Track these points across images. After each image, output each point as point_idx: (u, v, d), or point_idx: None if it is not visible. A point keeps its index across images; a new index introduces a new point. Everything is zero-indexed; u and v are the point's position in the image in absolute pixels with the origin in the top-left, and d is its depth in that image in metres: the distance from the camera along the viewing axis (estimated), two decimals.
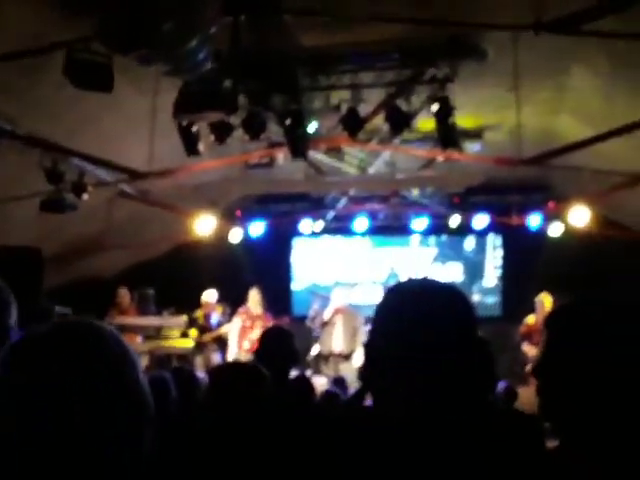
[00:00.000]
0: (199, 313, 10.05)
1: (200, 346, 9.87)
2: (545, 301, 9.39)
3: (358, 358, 9.49)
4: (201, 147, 7.67)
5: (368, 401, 5.29)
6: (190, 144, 7.62)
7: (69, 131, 7.79)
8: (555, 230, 10.75)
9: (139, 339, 10.01)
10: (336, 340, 9.91)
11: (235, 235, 11.83)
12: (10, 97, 6.77)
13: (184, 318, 10.23)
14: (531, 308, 9.61)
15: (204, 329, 9.97)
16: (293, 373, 4.27)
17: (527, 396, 5.87)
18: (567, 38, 5.80)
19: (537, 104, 8.38)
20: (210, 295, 10.13)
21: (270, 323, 9.17)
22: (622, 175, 8.84)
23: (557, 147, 8.27)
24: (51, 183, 8.14)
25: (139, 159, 8.47)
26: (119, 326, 9.86)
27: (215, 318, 10.11)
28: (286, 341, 3.63)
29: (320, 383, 9.08)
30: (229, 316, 10.22)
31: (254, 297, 9.61)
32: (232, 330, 9.61)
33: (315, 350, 10.49)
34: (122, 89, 6.71)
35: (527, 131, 8.44)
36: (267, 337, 3.70)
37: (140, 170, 8.73)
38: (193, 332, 9.89)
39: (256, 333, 8.85)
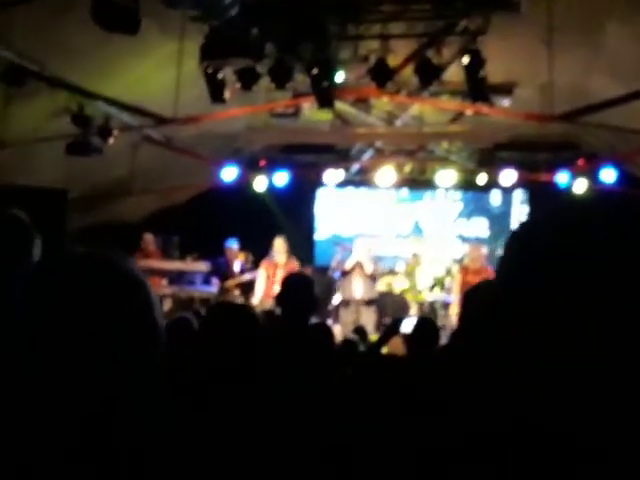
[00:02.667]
0: (224, 259, 10.19)
1: (224, 292, 9.97)
2: None
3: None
4: (226, 94, 7.62)
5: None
6: (215, 91, 7.57)
7: (95, 74, 7.77)
8: (580, 187, 10.59)
9: (164, 282, 10.13)
10: (356, 287, 9.99)
11: (259, 184, 11.83)
12: (36, 39, 6.75)
13: (206, 264, 10.32)
14: None
15: (227, 275, 10.06)
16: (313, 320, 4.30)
17: None
18: None
19: (570, 60, 8.19)
20: (232, 243, 10.21)
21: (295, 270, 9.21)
22: None
23: (589, 104, 8.11)
24: (77, 126, 8.17)
25: (165, 104, 8.44)
26: (143, 269, 9.98)
27: (237, 265, 10.20)
28: (306, 288, 3.63)
29: (340, 331, 9.19)
30: (252, 264, 10.29)
31: (279, 246, 9.61)
32: (258, 279, 9.68)
33: (336, 300, 10.57)
34: (149, 33, 6.66)
35: (558, 88, 8.28)
36: (287, 284, 3.70)
37: (165, 115, 8.71)
38: (217, 280, 10.06)
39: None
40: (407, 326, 5.34)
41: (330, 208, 14.06)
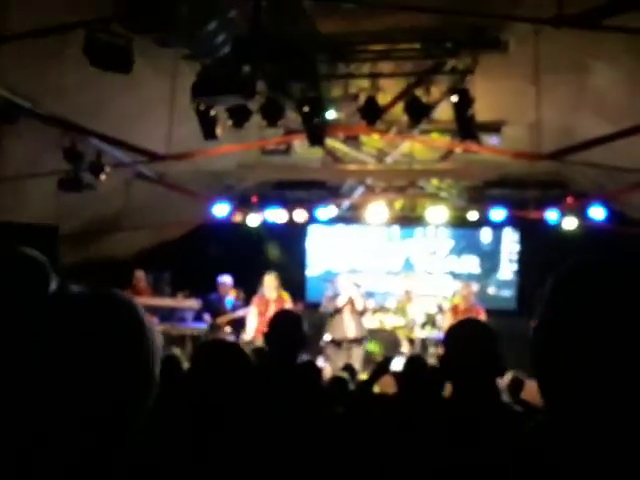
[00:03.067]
0: (216, 296, 10.13)
1: (214, 328, 9.92)
2: None
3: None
4: (219, 131, 7.69)
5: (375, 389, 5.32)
6: (208, 128, 7.64)
7: (88, 111, 7.83)
8: (570, 224, 10.68)
9: (155, 319, 10.10)
10: (348, 325, 9.94)
11: (251, 220, 11.88)
12: (30, 76, 6.83)
13: (197, 301, 10.32)
14: None
15: (219, 312, 10.02)
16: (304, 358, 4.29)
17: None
18: (589, 33, 5.74)
19: (557, 100, 8.32)
20: (225, 279, 10.20)
21: (287, 307, 9.18)
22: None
23: (576, 143, 8.21)
24: (69, 162, 8.21)
25: (157, 141, 8.51)
26: None
27: (230, 302, 10.17)
28: (295, 324, 3.62)
29: (330, 370, 9.14)
30: (244, 300, 10.26)
31: (270, 282, 9.60)
32: (250, 315, 9.64)
33: (328, 337, 10.54)
34: (141, 71, 6.74)
35: (546, 126, 8.39)
36: (276, 320, 3.70)
37: (158, 152, 8.77)
38: (208, 317, 10.01)
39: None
40: (397, 364, 5.34)
41: (321, 244, 14.11)
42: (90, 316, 1.15)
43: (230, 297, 10.20)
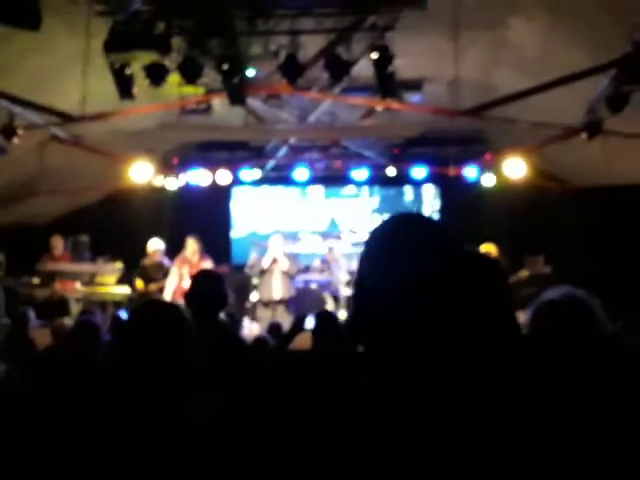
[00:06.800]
0: (147, 261, 9.75)
1: (144, 296, 9.55)
2: (491, 251, 8.52)
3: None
4: (135, 91, 7.48)
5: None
6: (124, 87, 7.41)
7: None
8: (488, 181, 10.89)
9: (76, 285, 9.85)
10: (275, 287, 9.97)
11: (172, 183, 11.68)
12: None
13: (118, 265, 10.09)
14: None
15: (151, 279, 9.69)
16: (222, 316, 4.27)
17: None
18: None
19: (476, 56, 8.40)
20: (157, 243, 9.76)
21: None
22: (557, 128, 8.96)
23: (494, 99, 8.34)
24: None
25: (72, 102, 8.23)
26: (52, 272, 9.70)
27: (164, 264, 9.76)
28: (215, 284, 3.61)
29: (256, 330, 9.16)
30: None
31: (191, 245, 9.49)
32: (170, 277, 9.47)
33: (254, 297, 10.54)
34: (53, 29, 6.48)
35: (465, 83, 8.48)
36: (196, 281, 3.68)
37: (73, 113, 8.49)
38: (139, 282, 9.64)
39: None
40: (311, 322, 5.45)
41: (246, 206, 14.02)
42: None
43: (166, 261, 9.74)
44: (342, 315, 9.29)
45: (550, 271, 8.90)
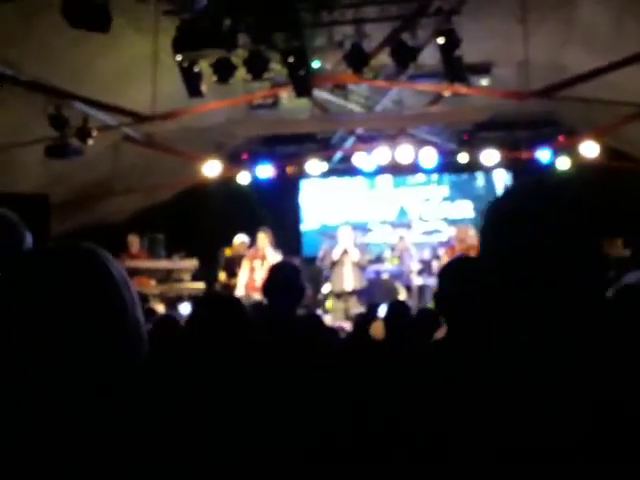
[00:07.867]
0: (232, 254, 9.93)
1: (227, 288, 9.73)
2: None
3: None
4: (204, 88, 7.58)
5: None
6: (192, 85, 7.53)
7: (71, 75, 7.72)
8: (563, 163, 10.63)
9: (152, 282, 10.07)
10: (347, 278, 9.97)
11: (243, 178, 11.80)
12: (10, 42, 6.70)
13: (194, 262, 10.26)
14: None
15: (234, 272, 9.87)
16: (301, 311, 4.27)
17: None
18: None
19: (545, 37, 8.21)
20: (242, 237, 9.98)
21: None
22: (631, 106, 8.68)
23: (565, 79, 8.13)
24: (56, 129, 8.11)
25: (142, 102, 8.39)
26: (130, 269, 9.93)
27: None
28: (293, 276, 3.56)
29: (330, 321, 9.19)
30: None
31: (262, 238, 9.58)
32: (242, 270, 9.59)
33: (326, 289, 10.56)
34: (122, 31, 6.63)
35: (535, 65, 8.29)
36: (274, 272, 3.63)
37: (143, 113, 8.66)
38: (222, 275, 9.84)
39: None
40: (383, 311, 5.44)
41: (315, 198, 14.05)
42: (56, 266, 1.19)
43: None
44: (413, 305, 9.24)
45: (629, 254, 8.67)
